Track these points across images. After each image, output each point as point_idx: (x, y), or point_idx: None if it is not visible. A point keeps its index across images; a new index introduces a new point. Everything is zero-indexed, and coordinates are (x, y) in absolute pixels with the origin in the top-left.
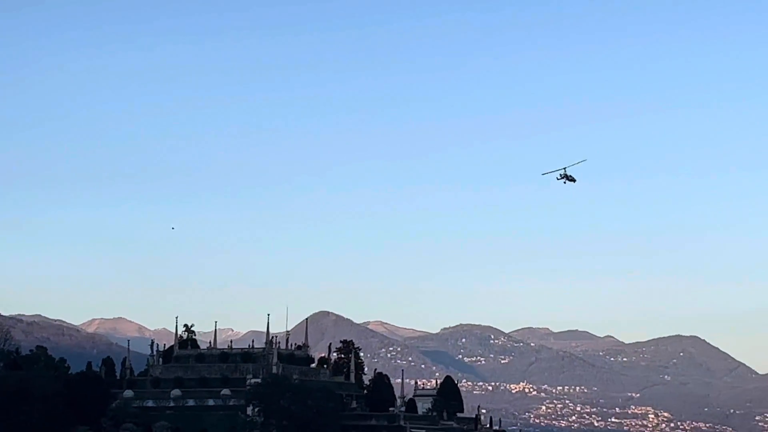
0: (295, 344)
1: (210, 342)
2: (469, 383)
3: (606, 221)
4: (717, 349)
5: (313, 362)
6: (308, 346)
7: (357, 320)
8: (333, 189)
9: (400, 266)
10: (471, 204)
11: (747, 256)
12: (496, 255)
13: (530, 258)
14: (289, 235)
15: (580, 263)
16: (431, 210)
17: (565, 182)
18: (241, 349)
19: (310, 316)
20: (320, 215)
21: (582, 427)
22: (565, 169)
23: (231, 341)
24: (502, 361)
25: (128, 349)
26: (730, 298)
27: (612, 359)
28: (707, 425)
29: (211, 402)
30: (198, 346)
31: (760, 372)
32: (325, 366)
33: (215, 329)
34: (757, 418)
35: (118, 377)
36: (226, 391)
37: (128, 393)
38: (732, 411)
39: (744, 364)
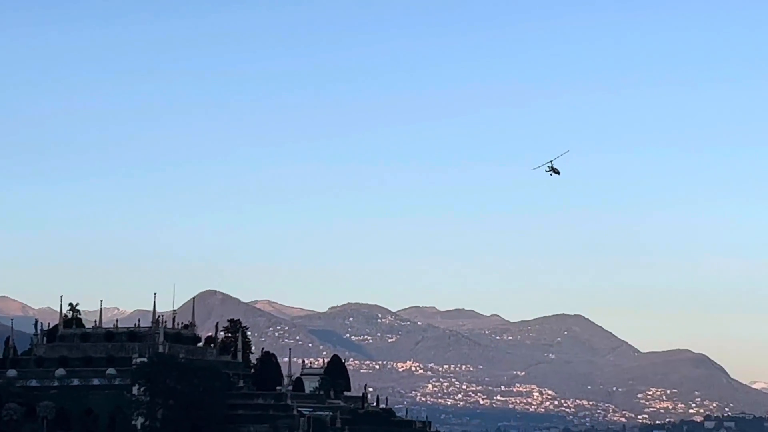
0: (182, 323)
1: (95, 321)
2: (357, 362)
3: (492, 201)
4: (600, 327)
5: (200, 341)
6: (195, 326)
7: (244, 299)
8: (221, 166)
9: (287, 245)
10: (357, 183)
11: (630, 235)
12: (383, 234)
13: (417, 237)
14: (175, 213)
15: (467, 242)
16: (318, 189)
17: (551, 175)
18: (127, 328)
19: (197, 295)
20: (208, 193)
21: (468, 405)
22: (551, 162)
23: (117, 320)
24: (389, 340)
25: (11, 328)
26: (613, 277)
27: (498, 338)
28: (590, 403)
29: (96, 381)
30: (83, 326)
31: (642, 350)
32: (212, 345)
33: (101, 308)
34: (639, 395)
35: (1, 357)
36: (111, 371)
37: (11, 373)
38: (615, 389)
39: (627, 343)
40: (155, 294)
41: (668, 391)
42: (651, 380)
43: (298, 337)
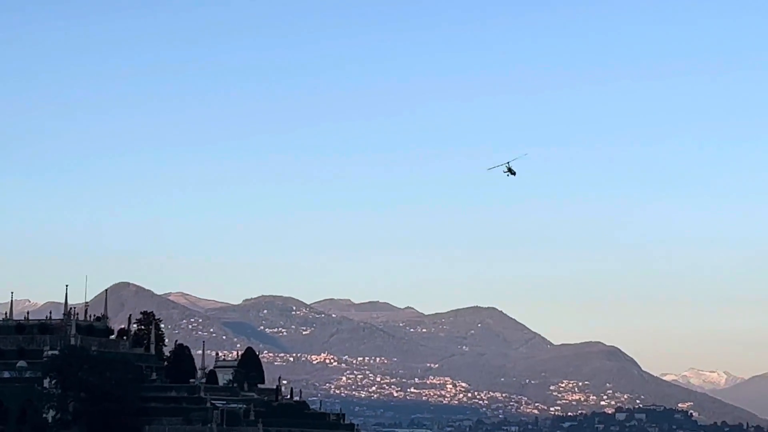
0: (94, 315)
1: (6, 313)
2: (271, 354)
3: (404, 193)
4: (514, 320)
5: (113, 334)
6: (108, 318)
7: (158, 291)
8: (135, 158)
9: (201, 237)
10: (272, 176)
11: (543, 227)
12: (298, 226)
13: (331, 230)
14: (88, 205)
15: (381, 235)
16: (234, 181)
17: (508, 175)
18: (38, 320)
19: (110, 287)
20: (119, 184)
21: (382, 397)
22: (508, 163)
23: (28, 312)
24: (304, 333)
25: None
26: (526, 270)
27: (412, 330)
28: (503, 395)
29: (6, 374)
30: None
31: (554, 342)
32: (124, 338)
33: (11, 300)
34: (551, 387)
35: None
36: (22, 363)
37: None
38: (527, 381)
39: (539, 335)
40: (67, 286)
41: (580, 384)
42: (563, 372)
43: (211, 330)
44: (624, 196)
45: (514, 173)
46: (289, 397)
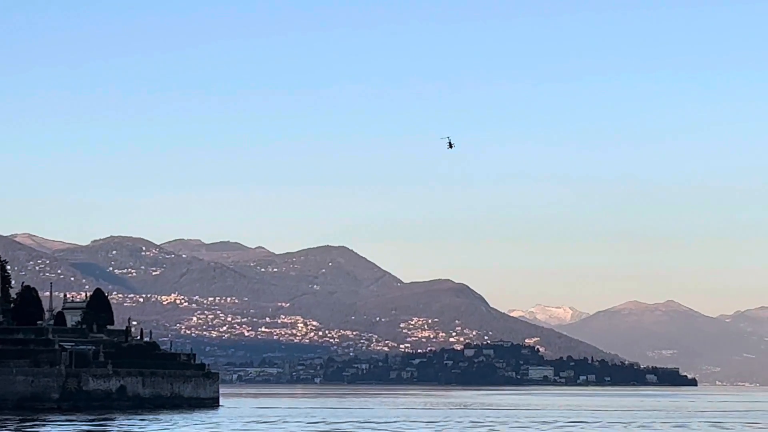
0: None
1: None
2: (120, 295)
3: (254, 131)
4: (364, 258)
5: None
6: None
7: (3, 232)
8: None
9: (47, 177)
10: (119, 111)
11: (391, 164)
12: (146, 165)
13: (181, 169)
14: None
15: (230, 173)
16: (79, 117)
17: (449, 147)
18: None
19: None
20: None
21: (233, 336)
22: (447, 137)
23: None
24: (154, 273)
25: None
26: (377, 209)
27: (263, 270)
28: (354, 333)
29: None
30: None
31: (405, 280)
32: None
33: None
34: (401, 324)
35: None
36: None
37: None
38: (378, 318)
39: (390, 273)
40: None
41: (430, 321)
42: (413, 310)
43: (59, 271)
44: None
45: (451, 145)
46: (139, 338)
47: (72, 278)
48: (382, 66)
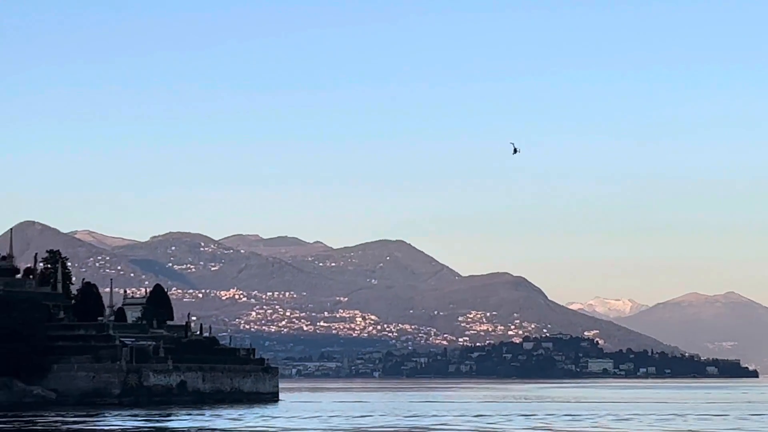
0: None
1: None
2: (179, 291)
3: (312, 127)
4: (422, 252)
5: (19, 273)
6: (13, 257)
7: (64, 230)
8: (42, 87)
9: (107, 174)
10: (177, 108)
11: (449, 159)
12: (205, 161)
13: (239, 164)
14: None
15: (289, 169)
16: (139, 114)
17: (514, 152)
18: None
19: (15, 225)
20: (24, 121)
21: (291, 331)
22: (512, 143)
23: None
24: (212, 269)
25: None
26: (434, 203)
27: (321, 264)
28: (412, 327)
29: None
30: None
31: (462, 274)
32: (30, 277)
33: None
34: (459, 318)
35: None
36: None
37: None
38: (436, 312)
39: (447, 267)
40: None
41: (488, 314)
42: (471, 303)
43: (119, 267)
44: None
45: (516, 151)
46: (198, 333)
47: (132, 274)
48: (441, 63)
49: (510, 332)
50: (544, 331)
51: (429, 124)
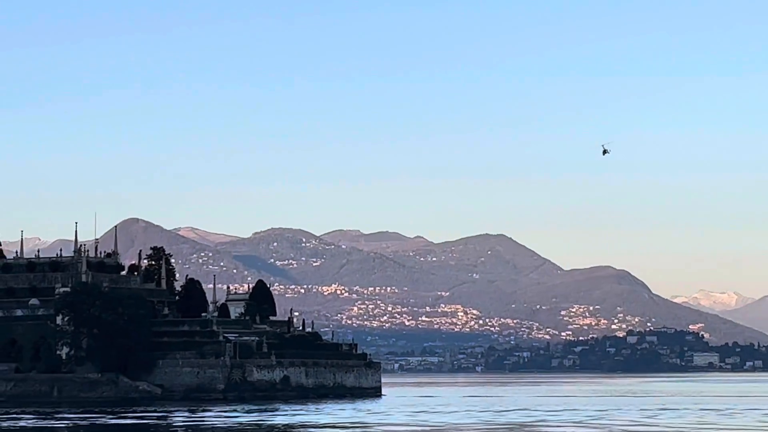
0: (105, 252)
1: (16, 251)
2: (282, 287)
3: (411, 122)
4: (524, 246)
5: (123, 270)
6: (118, 254)
7: (167, 227)
8: (142, 88)
9: (209, 171)
10: (279, 106)
11: (551, 153)
12: (305, 157)
13: (339, 160)
14: (95, 140)
15: (389, 164)
16: (238, 115)
17: (604, 154)
18: (49, 258)
19: (119, 223)
20: (128, 118)
21: (393, 326)
22: (603, 145)
23: (38, 250)
24: (314, 264)
25: None
26: (536, 196)
27: (422, 259)
28: (515, 321)
29: (19, 312)
30: (4, 256)
31: (565, 268)
32: (135, 273)
33: (21, 238)
34: (562, 312)
35: None
36: (34, 301)
37: None
38: (538, 306)
39: (549, 261)
40: (77, 223)
41: (591, 308)
42: (574, 297)
43: (222, 263)
44: (629, 120)
45: (606, 152)
46: (301, 328)
47: (234, 270)
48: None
49: (613, 326)
50: (648, 324)
51: (531, 117)
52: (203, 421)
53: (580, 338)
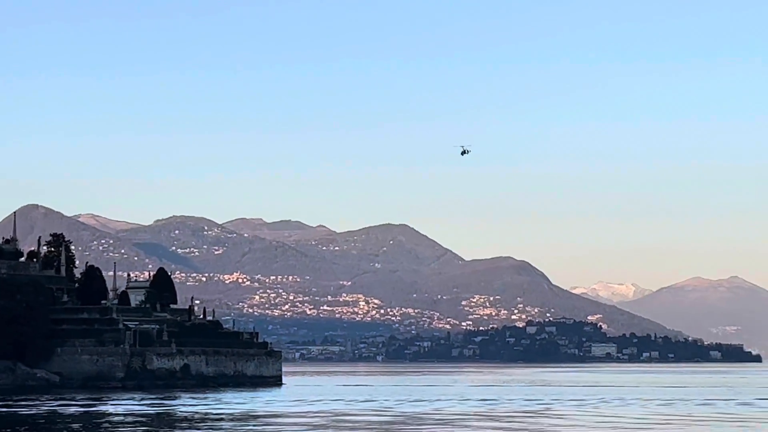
0: (3, 238)
1: None
2: (183, 275)
3: (312, 111)
4: (425, 236)
5: (22, 256)
6: (17, 240)
7: (67, 213)
8: (42, 74)
9: (110, 158)
10: (179, 94)
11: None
12: (208, 146)
13: (242, 149)
14: None
15: (292, 154)
16: (139, 101)
17: (463, 155)
18: None
19: (18, 209)
20: (27, 106)
21: (295, 315)
22: (462, 146)
23: None
24: (216, 252)
25: None
26: (438, 187)
27: (324, 248)
28: (416, 311)
29: None
30: None
31: (466, 258)
32: (34, 260)
33: None
34: (463, 302)
35: None
36: None
37: None
38: (439, 296)
39: (451, 251)
40: None
41: (491, 298)
42: (475, 287)
43: (123, 251)
44: (532, 113)
45: (465, 152)
46: (202, 317)
47: (135, 258)
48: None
49: (513, 316)
50: (548, 315)
51: (434, 107)
52: (96, 410)
53: (481, 328)
